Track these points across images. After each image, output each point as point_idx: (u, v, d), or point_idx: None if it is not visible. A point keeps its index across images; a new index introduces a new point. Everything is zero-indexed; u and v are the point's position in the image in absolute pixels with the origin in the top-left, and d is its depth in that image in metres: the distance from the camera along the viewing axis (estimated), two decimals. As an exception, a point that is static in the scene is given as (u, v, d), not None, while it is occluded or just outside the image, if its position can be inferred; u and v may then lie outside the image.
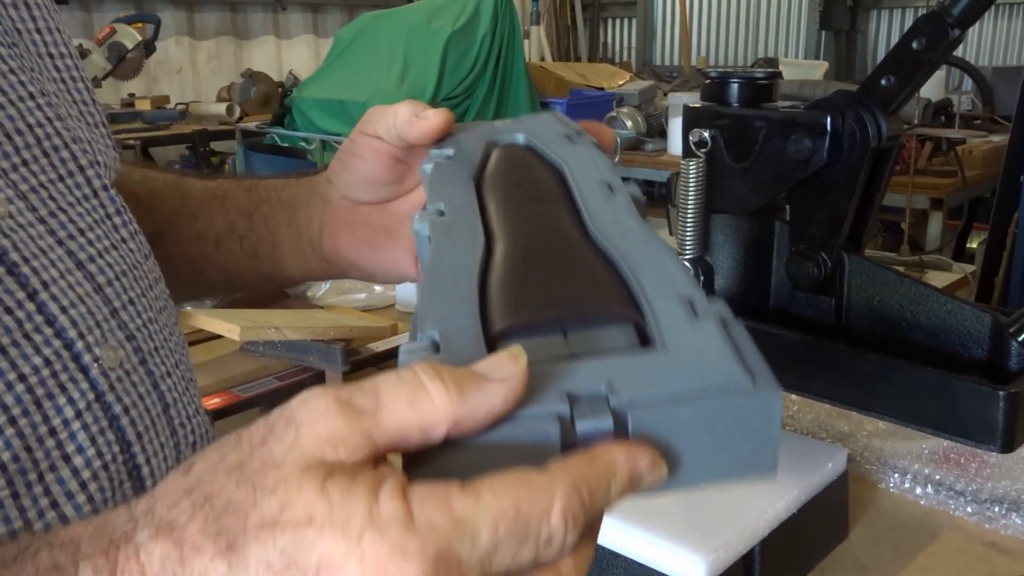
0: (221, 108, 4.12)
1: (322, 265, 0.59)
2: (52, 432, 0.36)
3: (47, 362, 0.37)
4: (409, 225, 0.54)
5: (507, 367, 0.27)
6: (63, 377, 0.37)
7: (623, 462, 0.27)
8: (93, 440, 0.37)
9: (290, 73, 4.75)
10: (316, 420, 0.26)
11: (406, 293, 1.52)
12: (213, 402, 1.17)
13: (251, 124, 3.96)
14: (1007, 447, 0.63)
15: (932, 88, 3.22)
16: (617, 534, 0.64)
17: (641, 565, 0.63)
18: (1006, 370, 0.67)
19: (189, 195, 0.60)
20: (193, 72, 5.05)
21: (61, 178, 0.43)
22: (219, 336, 1.30)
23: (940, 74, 3.60)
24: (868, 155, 0.71)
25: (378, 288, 1.56)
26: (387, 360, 1.40)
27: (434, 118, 0.49)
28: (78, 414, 0.37)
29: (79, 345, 0.39)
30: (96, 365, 0.39)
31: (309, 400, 0.27)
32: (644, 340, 0.31)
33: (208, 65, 5.12)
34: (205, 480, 0.26)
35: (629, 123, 3.20)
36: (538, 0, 5.98)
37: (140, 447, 0.40)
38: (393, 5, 5.06)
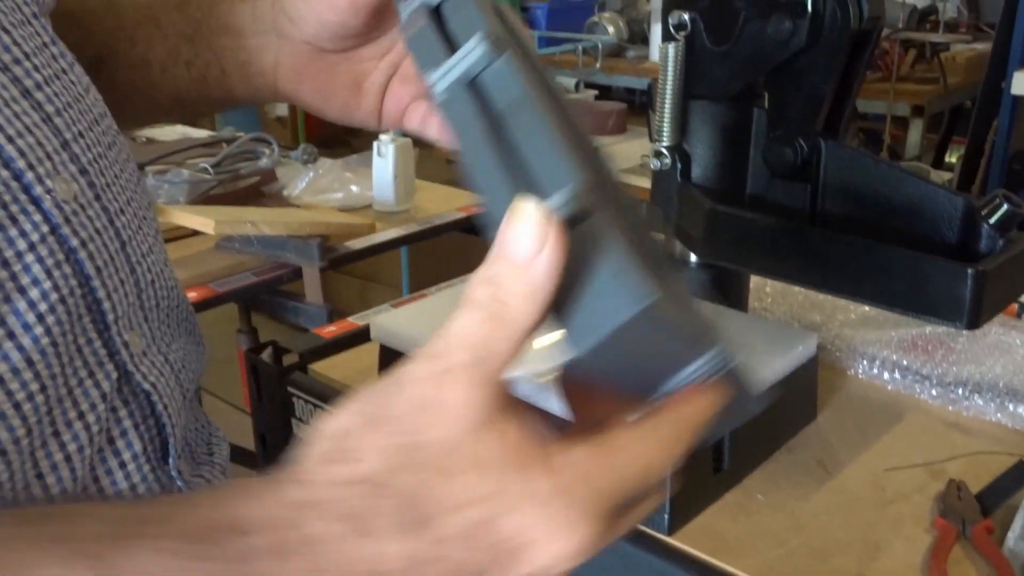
0: None
1: (277, 97, 0.56)
2: (4, 263, 0.35)
3: None
4: (375, 74, 0.52)
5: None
6: (13, 209, 0.36)
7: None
8: (49, 273, 0.36)
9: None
10: (444, 387, 0.29)
11: (383, 192, 1.50)
12: (190, 296, 1.17)
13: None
14: (973, 324, 0.64)
15: (918, -7, 3.17)
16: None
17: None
18: (976, 251, 0.67)
19: (123, 16, 0.56)
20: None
21: None
22: (196, 233, 1.29)
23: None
24: (848, 37, 0.70)
25: (354, 188, 1.54)
26: (366, 256, 1.40)
27: None
28: (31, 246, 0.36)
29: (29, 176, 0.37)
30: (49, 197, 0.38)
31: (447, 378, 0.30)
32: None
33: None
34: (377, 473, 0.29)
35: (611, 28, 3.14)
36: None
37: (100, 282, 0.39)
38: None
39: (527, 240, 0.29)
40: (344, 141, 3.75)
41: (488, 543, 0.29)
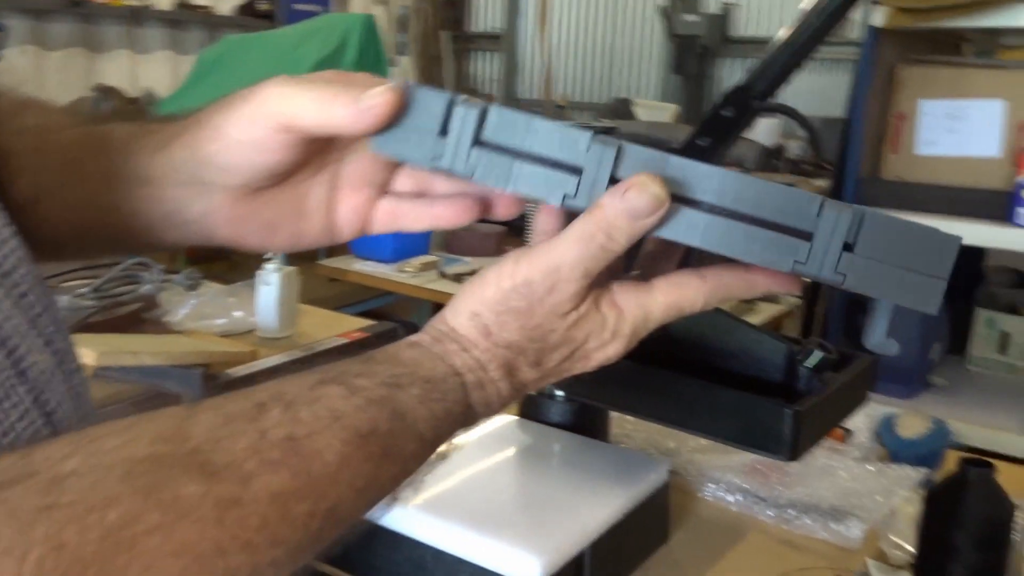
0: None
1: (213, 242, 0.53)
2: (5, 436, 0.38)
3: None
4: (317, 192, 0.51)
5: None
6: (13, 382, 0.39)
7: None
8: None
9: (147, 91, 4.62)
10: (556, 292, 0.45)
11: (267, 319, 1.54)
12: (66, 427, 1.17)
13: (104, 141, 3.83)
14: (794, 456, 0.74)
15: (767, 134, 3.49)
16: (458, 539, 0.71)
17: (481, 568, 0.70)
18: (797, 392, 0.78)
19: (49, 157, 0.54)
20: (40, 83, 4.81)
21: None
22: (73, 360, 1.29)
23: (776, 122, 3.90)
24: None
25: (237, 313, 1.57)
26: (248, 383, 1.41)
27: (382, 102, 0.44)
28: (22, 416, 0.39)
29: (17, 353, 0.40)
30: (33, 370, 0.40)
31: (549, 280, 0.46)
32: None
33: (56, 76, 4.89)
34: (515, 345, 0.46)
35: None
36: (407, 31, 6.06)
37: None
38: (257, 28, 5.00)
39: (645, 203, 0.44)
40: (224, 255, 3.74)
41: (573, 358, 0.47)
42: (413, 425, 0.42)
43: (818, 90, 5.63)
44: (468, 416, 0.46)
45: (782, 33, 0.84)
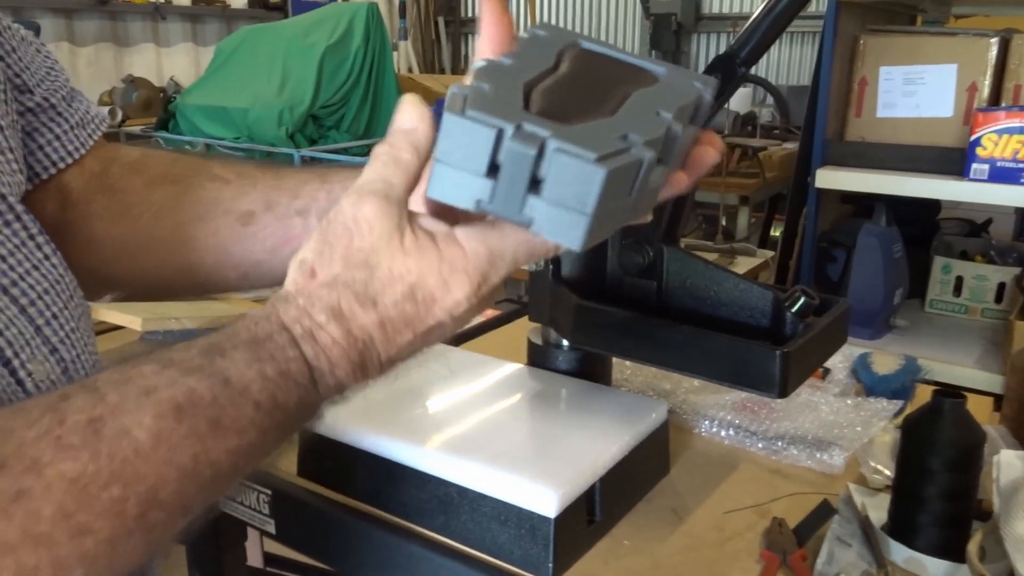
0: (103, 111, 3.91)
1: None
2: None
3: None
4: None
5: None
6: (8, 392, 0.39)
7: None
8: None
9: (172, 79, 4.55)
10: (363, 205, 0.40)
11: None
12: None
13: (135, 128, 3.79)
14: (783, 393, 0.73)
15: (740, 102, 3.45)
16: (481, 476, 0.70)
17: (502, 502, 0.70)
18: (783, 335, 0.77)
19: (285, 176, 0.58)
20: (73, 76, 4.71)
21: None
22: (120, 327, 1.28)
23: (747, 91, 3.86)
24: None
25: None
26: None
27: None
28: None
29: (15, 362, 0.40)
30: (30, 379, 0.41)
31: (361, 215, 0.40)
32: None
33: (88, 70, 4.82)
34: (338, 278, 0.39)
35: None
36: (405, 17, 5.95)
37: None
38: (270, 19, 4.92)
39: (411, 116, 0.41)
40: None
41: (414, 300, 0.40)
42: (244, 391, 0.36)
43: (785, 61, 5.58)
44: (310, 374, 0.39)
45: (762, 6, 0.82)
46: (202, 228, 0.56)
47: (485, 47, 0.43)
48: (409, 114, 0.42)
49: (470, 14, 6.61)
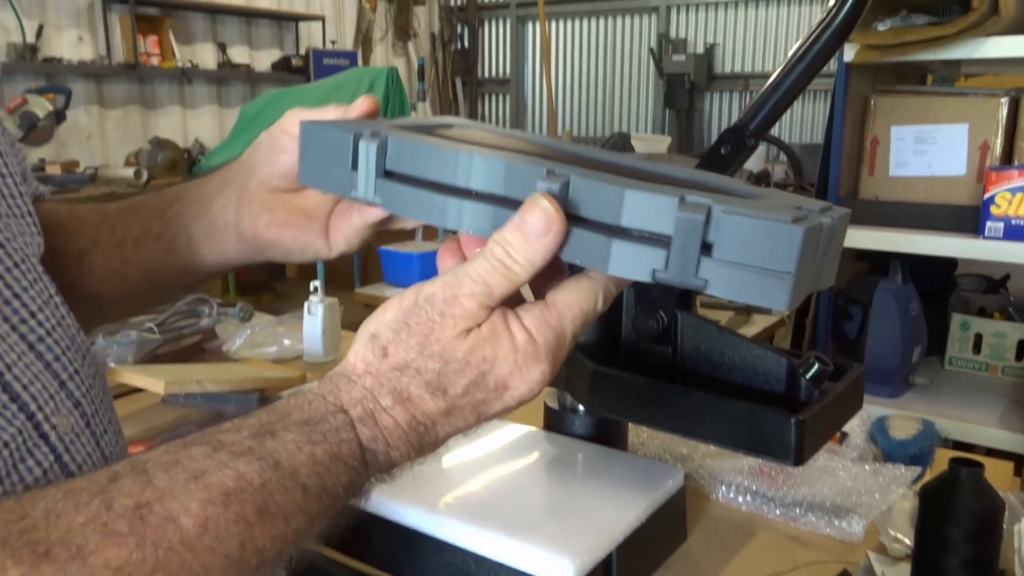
0: (129, 172, 4.01)
1: (239, 247, 0.56)
2: (26, 489, 0.37)
3: (19, 432, 0.40)
4: (322, 205, 0.55)
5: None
6: (30, 444, 0.40)
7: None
8: None
9: (196, 140, 4.67)
10: (456, 304, 0.40)
11: (313, 345, 1.54)
12: (139, 450, 1.17)
13: (159, 188, 3.87)
14: (799, 461, 0.73)
15: (753, 161, 3.48)
16: (497, 544, 0.71)
17: (518, 571, 0.70)
18: (798, 401, 0.77)
19: (108, 212, 0.60)
20: (102, 138, 4.88)
21: (16, 265, 0.45)
22: (142, 389, 1.29)
23: (760, 149, 3.90)
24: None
25: (286, 341, 1.58)
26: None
27: (361, 104, 0.51)
28: (44, 473, 0.40)
29: (39, 416, 0.41)
30: (54, 432, 0.42)
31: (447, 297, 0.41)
32: None
33: (116, 132, 4.96)
34: (411, 364, 0.40)
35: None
36: (424, 79, 6.10)
37: None
38: (293, 82, 5.05)
39: (542, 223, 0.39)
40: (270, 287, 3.76)
41: (485, 387, 0.40)
42: (293, 474, 0.35)
43: (798, 119, 5.64)
44: (362, 456, 0.38)
45: (771, 78, 0.84)
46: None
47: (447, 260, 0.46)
48: (540, 220, 0.39)
49: (487, 75, 6.76)
